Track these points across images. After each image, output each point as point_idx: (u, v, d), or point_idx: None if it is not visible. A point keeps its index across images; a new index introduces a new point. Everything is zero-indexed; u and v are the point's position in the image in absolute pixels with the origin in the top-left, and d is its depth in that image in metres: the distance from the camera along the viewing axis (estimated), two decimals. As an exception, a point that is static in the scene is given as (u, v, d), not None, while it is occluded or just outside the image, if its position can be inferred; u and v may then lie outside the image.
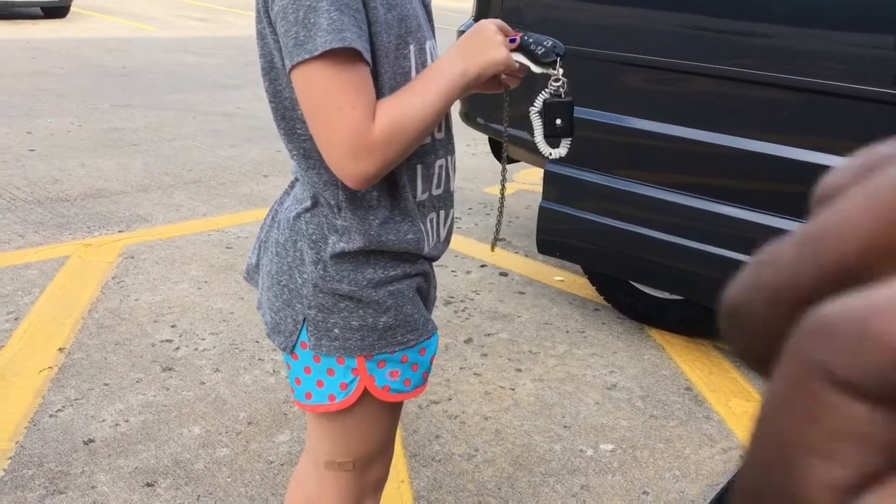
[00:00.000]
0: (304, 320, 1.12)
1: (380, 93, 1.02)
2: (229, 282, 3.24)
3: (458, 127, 1.24)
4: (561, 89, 1.09)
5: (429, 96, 1.01)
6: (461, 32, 3.36)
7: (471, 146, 5.64)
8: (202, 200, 4.19)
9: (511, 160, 3.55)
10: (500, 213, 1.33)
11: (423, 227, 1.14)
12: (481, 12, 3.23)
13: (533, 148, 1.14)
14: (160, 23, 11.58)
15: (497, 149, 3.80)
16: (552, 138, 1.12)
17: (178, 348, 2.71)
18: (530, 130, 1.13)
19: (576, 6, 2.81)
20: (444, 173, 1.17)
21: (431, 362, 1.20)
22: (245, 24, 12.16)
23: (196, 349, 2.71)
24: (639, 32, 2.60)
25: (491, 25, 1.08)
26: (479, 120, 3.44)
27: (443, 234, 1.20)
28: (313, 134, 1.00)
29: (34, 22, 10.51)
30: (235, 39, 10.45)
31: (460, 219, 4.18)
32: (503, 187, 1.31)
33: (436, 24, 1.19)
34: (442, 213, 1.19)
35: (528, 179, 5.05)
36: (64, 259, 3.34)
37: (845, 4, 2.21)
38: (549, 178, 2.94)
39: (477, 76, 1.06)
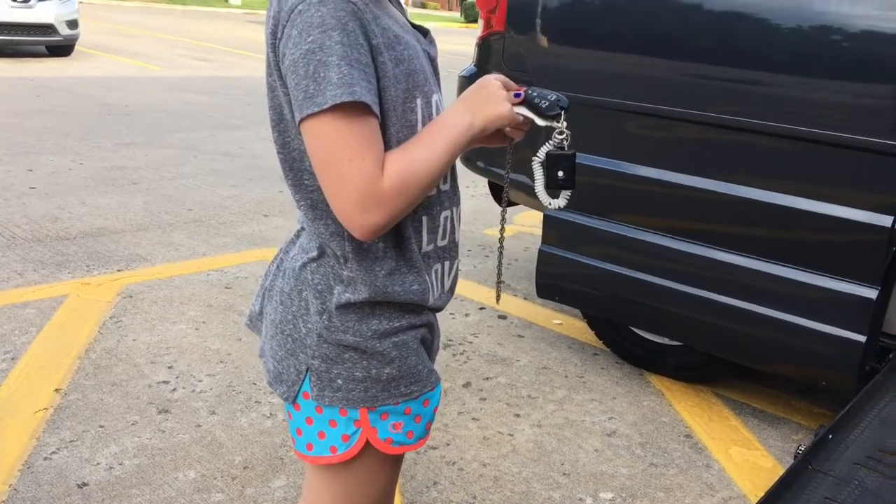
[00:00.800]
0: (307, 370, 1.12)
1: (387, 145, 1.03)
2: (227, 322, 3.23)
3: (458, 169, 1.25)
4: (564, 142, 1.11)
5: (436, 149, 1.03)
6: (463, 78, 3.41)
7: (470, 188, 5.68)
8: (202, 240, 4.20)
9: (511, 203, 3.57)
10: (500, 261, 1.34)
11: (428, 278, 1.14)
12: (483, 59, 3.27)
13: (532, 192, 1.15)
14: (164, 62, 11.71)
15: (496, 192, 3.82)
16: (553, 189, 1.13)
17: (174, 390, 2.69)
18: (531, 177, 1.14)
19: (575, 53, 2.84)
20: (449, 224, 1.17)
21: (434, 413, 1.19)
22: (247, 65, 12.31)
23: (193, 391, 2.69)
24: (637, 80, 2.64)
25: (495, 80, 1.10)
26: (479, 163, 3.47)
27: (447, 284, 1.21)
28: (322, 186, 1.01)
29: (39, 60, 10.63)
30: (238, 80, 10.57)
31: (459, 261, 4.19)
32: (502, 236, 1.32)
33: (438, 70, 1.21)
34: (447, 263, 1.19)
35: (527, 222, 5.08)
36: (62, 298, 3.34)
37: (842, 55, 2.24)
38: (548, 223, 2.95)
39: (482, 129, 1.07)
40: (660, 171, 2.63)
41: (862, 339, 2.30)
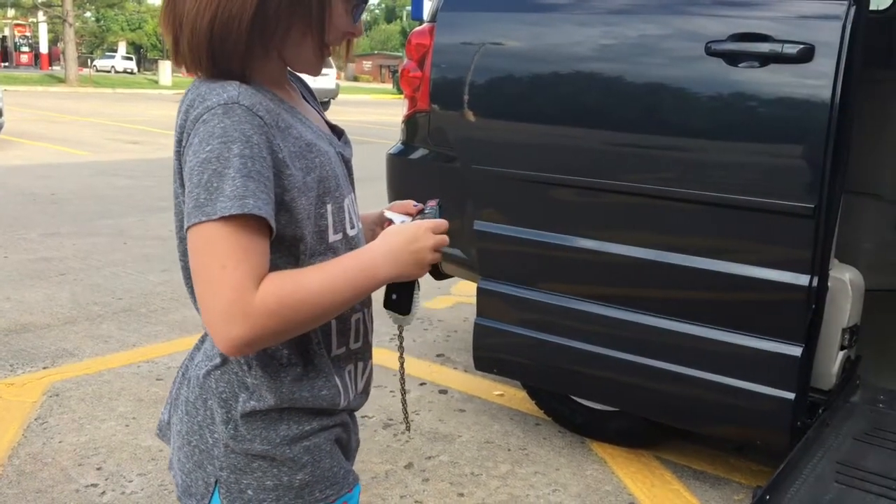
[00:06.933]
0: (216, 482, 1.07)
1: (302, 254, 1.02)
2: (158, 416, 3.11)
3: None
4: None
5: (337, 283, 1.00)
6: (391, 155, 3.44)
7: (407, 260, 5.68)
8: (132, 330, 4.09)
9: (445, 276, 3.58)
10: (404, 397, 1.34)
11: (339, 381, 1.11)
12: (410, 136, 3.31)
13: (465, 263, 1.16)
14: (92, 147, 11.57)
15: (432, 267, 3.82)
16: (388, 309, 1.15)
17: (103, 493, 2.57)
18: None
19: (498, 127, 2.90)
20: (361, 326, 1.16)
21: (355, 514, 1.16)
22: (179, 145, 12.21)
23: (123, 493, 2.58)
24: (560, 151, 2.69)
25: (429, 240, 1.08)
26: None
27: (360, 385, 1.19)
28: (196, 292, 0.97)
29: (-39, 150, 10.39)
30: (169, 160, 10.41)
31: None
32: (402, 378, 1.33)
33: (369, 139, 1.21)
34: (360, 364, 1.17)
35: (464, 292, 5.09)
36: (-17, 401, 3.19)
37: (756, 124, 2.33)
38: (482, 295, 2.96)
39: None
40: (586, 240, 2.67)
41: (791, 396, 2.35)
